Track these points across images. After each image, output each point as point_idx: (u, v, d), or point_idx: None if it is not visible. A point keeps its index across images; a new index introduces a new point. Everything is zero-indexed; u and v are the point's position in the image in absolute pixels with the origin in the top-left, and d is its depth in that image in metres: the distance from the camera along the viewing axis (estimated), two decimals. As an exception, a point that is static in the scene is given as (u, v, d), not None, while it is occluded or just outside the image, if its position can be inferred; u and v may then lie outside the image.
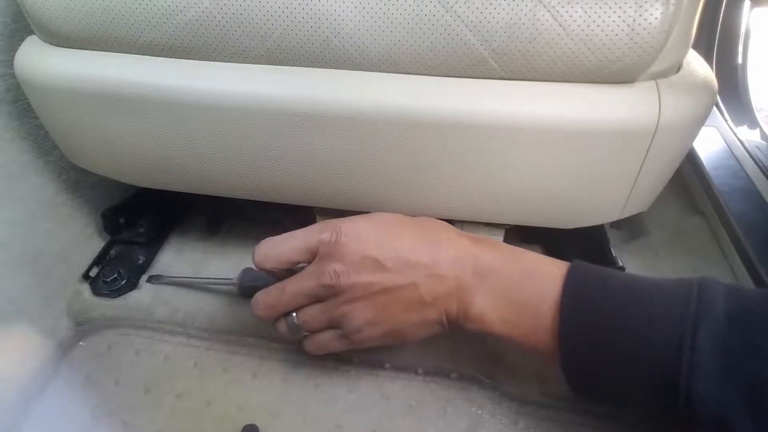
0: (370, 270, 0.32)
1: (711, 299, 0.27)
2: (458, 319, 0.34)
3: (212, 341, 0.45)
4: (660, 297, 0.28)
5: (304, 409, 0.40)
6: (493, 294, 0.32)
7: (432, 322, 0.34)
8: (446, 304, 0.33)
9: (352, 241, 0.33)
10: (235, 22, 0.32)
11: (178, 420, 0.40)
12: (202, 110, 0.35)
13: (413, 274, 0.32)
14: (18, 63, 0.37)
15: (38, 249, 0.46)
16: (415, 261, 0.32)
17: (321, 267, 0.33)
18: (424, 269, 0.32)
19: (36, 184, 0.46)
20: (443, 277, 0.32)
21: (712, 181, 0.51)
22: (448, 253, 0.33)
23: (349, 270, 0.32)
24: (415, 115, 0.33)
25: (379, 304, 0.33)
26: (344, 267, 0.32)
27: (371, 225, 0.34)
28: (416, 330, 0.35)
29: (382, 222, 0.35)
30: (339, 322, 0.34)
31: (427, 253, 0.33)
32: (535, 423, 0.39)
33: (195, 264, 0.52)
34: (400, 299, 0.33)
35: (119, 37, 0.34)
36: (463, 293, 0.33)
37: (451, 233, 0.35)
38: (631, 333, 0.28)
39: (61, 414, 0.40)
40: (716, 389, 0.25)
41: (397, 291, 0.33)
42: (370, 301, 0.33)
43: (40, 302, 0.45)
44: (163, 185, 0.43)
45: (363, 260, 0.32)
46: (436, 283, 0.32)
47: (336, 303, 0.33)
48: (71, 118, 0.39)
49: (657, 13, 0.28)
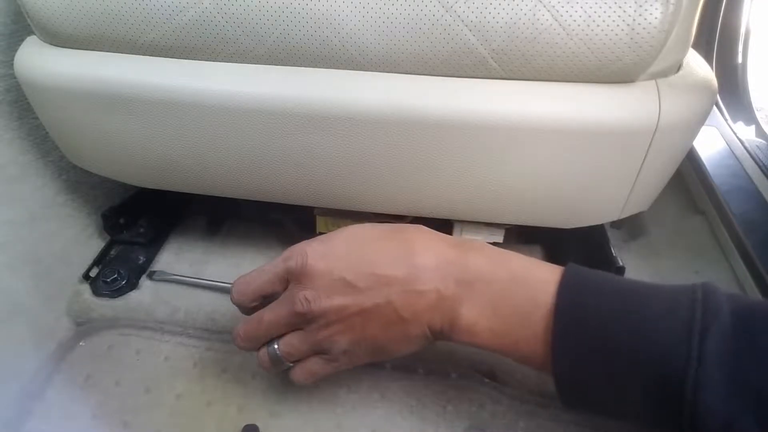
0: (341, 292, 0.31)
1: (716, 306, 0.25)
2: (443, 332, 0.32)
3: (212, 341, 0.45)
4: (662, 302, 0.27)
5: (304, 409, 0.40)
6: (480, 303, 0.30)
7: (416, 338, 0.32)
8: (428, 319, 0.31)
9: (320, 263, 0.31)
10: (235, 22, 0.32)
11: (178, 420, 0.40)
12: (202, 110, 0.35)
13: (388, 292, 0.30)
14: (18, 63, 0.37)
15: (38, 249, 0.46)
16: (389, 277, 0.30)
17: (291, 295, 0.32)
18: (399, 285, 0.30)
19: (36, 184, 0.46)
20: (421, 291, 0.30)
21: (712, 181, 0.51)
22: (426, 263, 0.31)
23: (320, 295, 0.31)
24: (416, 115, 0.33)
25: (357, 326, 0.31)
26: (314, 293, 0.31)
27: (341, 242, 0.32)
28: (401, 346, 0.33)
29: (353, 237, 0.33)
30: (322, 348, 0.33)
31: (403, 266, 0.31)
32: (535, 423, 0.39)
33: (195, 264, 0.52)
34: (378, 319, 0.31)
35: (119, 37, 0.34)
36: (446, 305, 0.31)
37: (430, 241, 0.33)
38: (631, 340, 0.27)
39: (61, 414, 0.40)
40: (724, 400, 0.24)
41: (373, 311, 0.31)
42: (347, 323, 0.31)
43: (41, 302, 0.45)
44: (163, 185, 0.43)
45: (333, 283, 0.31)
46: (413, 298, 0.30)
47: (314, 329, 0.32)
48: (71, 119, 0.39)
49: (657, 12, 0.28)
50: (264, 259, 0.52)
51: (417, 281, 0.30)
